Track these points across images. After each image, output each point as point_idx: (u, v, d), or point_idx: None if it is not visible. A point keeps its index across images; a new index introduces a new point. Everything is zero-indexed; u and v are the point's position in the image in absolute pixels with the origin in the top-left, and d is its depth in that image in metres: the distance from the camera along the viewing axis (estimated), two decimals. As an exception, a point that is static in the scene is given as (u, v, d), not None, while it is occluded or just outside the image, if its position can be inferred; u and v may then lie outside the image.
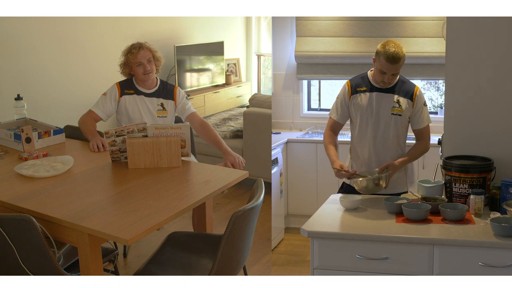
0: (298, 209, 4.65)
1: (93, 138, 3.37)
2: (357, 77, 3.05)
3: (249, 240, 2.52)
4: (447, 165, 2.67)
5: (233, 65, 7.50)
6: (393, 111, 2.94)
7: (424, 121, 3.01)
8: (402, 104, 2.94)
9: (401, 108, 2.94)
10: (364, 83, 2.99)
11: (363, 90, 2.98)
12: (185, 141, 3.02)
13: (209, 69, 6.90)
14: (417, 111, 2.98)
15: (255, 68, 7.89)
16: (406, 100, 2.95)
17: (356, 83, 3.01)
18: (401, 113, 2.95)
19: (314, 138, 4.79)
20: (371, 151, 3.02)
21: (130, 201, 2.52)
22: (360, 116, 3.00)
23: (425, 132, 3.02)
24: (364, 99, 2.98)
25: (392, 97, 2.95)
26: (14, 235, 2.18)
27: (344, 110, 3.05)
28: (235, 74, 7.49)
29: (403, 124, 3.00)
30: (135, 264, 3.62)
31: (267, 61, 7.78)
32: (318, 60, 4.98)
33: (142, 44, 3.53)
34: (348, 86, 3.02)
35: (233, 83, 7.29)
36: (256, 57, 7.85)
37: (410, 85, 2.99)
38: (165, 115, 3.57)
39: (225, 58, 7.11)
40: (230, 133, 5.16)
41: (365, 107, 2.98)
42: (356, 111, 3.00)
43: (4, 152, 3.28)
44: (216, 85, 6.99)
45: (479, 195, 2.51)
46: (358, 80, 3.02)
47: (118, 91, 3.56)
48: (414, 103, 2.96)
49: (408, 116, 2.99)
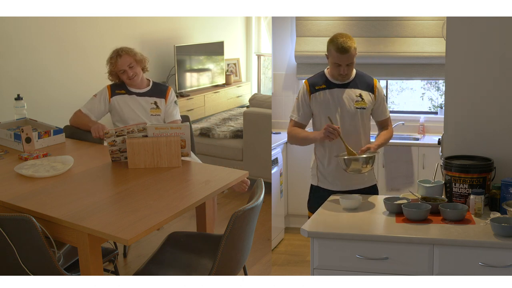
0: (298, 209, 4.64)
1: (94, 125, 3.47)
2: (314, 76, 3.04)
3: (249, 240, 2.52)
4: (447, 165, 2.67)
5: (233, 65, 7.50)
6: (357, 105, 2.95)
7: (387, 111, 3.09)
8: (365, 98, 2.97)
9: (364, 102, 2.96)
10: (322, 81, 2.98)
11: (322, 88, 2.96)
12: (185, 141, 3.02)
13: (209, 69, 6.90)
14: (380, 103, 3.02)
15: (255, 68, 7.89)
16: (367, 93, 2.98)
17: (314, 82, 3.00)
18: (365, 106, 2.96)
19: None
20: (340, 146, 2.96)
21: (130, 201, 2.52)
22: (324, 113, 2.96)
23: (388, 120, 3.10)
24: (324, 96, 2.96)
25: (353, 92, 2.96)
26: (14, 235, 2.18)
27: (305, 110, 3.01)
28: (235, 74, 7.49)
29: (367, 117, 3.02)
30: (135, 264, 3.61)
31: (267, 61, 7.78)
32: (318, 60, 4.87)
33: (120, 51, 3.58)
34: (306, 86, 3.00)
35: (233, 83, 7.29)
36: (256, 57, 7.85)
37: (368, 78, 3.02)
38: (158, 114, 3.62)
39: (225, 58, 7.11)
40: (230, 133, 5.16)
41: (328, 103, 2.96)
42: (319, 109, 2.98)
43: (4, 152, 3.28)
44: (216, 85, 6.99)
45: (479, 195, 2.51)
46: (315, 79, 3.02)
47: (108, 92, 3.64)
48: (375, 95, 2.99)
49: (371, 109, 3.01)
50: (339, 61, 2.85)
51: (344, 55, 2.82)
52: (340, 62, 2.85)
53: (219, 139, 5.14)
